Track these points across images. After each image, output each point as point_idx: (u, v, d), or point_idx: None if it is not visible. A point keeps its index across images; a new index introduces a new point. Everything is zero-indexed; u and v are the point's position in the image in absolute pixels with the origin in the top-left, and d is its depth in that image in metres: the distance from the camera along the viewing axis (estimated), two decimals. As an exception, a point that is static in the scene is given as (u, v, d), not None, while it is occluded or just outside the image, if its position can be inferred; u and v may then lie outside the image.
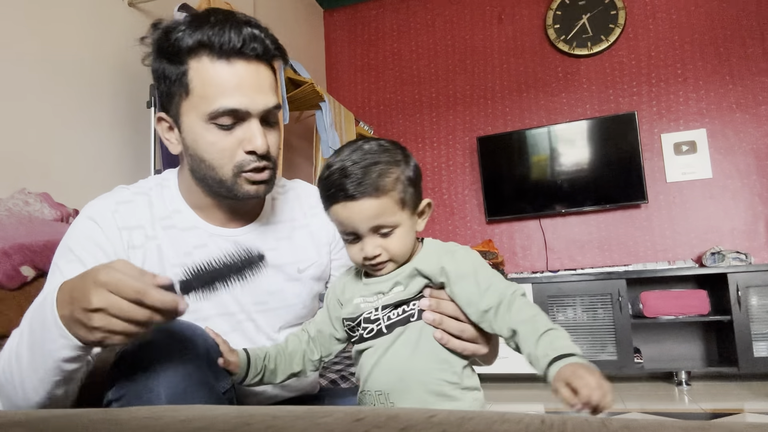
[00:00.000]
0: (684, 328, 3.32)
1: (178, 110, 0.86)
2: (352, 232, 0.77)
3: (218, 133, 0.84)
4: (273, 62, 0.88)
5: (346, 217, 0.76)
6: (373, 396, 0.77)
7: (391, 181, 0.76)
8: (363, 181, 0.75)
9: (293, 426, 0.30)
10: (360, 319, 0.79)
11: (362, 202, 0.75)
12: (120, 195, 0.93)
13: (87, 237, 0.87)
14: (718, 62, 3.49)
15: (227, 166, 0.85)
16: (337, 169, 0.76)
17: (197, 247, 0.91)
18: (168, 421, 0.32)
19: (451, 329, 0.76)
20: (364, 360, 0.79)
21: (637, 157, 3.44)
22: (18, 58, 1.90)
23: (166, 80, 0.86)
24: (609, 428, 0.30)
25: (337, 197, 0.76)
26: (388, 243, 0.77)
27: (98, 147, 2.21)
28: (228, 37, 0.80)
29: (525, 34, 3.90)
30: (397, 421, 0.31)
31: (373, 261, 0.77)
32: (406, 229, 0.78)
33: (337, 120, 3.44)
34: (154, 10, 2.56)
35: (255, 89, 0.83)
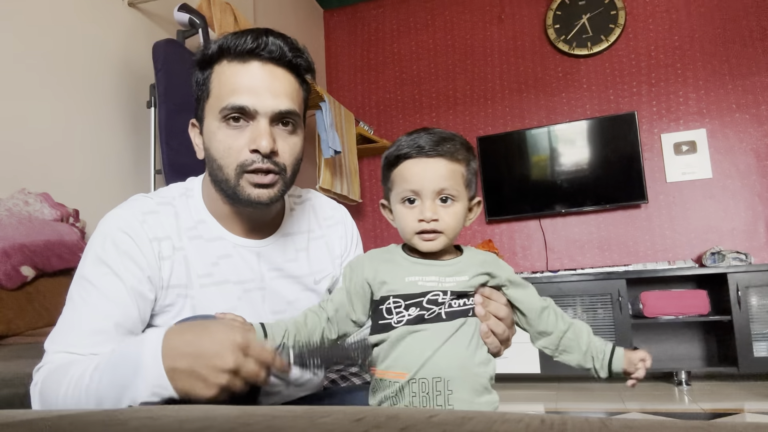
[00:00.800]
0: (684, 328, 3.32)
1: (202, 113, 0.89)
2: (416, 191, 0.79)
3: (228, 132, 0.84)
4: (300, 72, 0.89)
5: (416, 173, 0.79)
6: (428, 383, 0.74)
7: (464, 157, 0.82)
8: (442, 144, 0.79)
9: (293, 426, 0.30)
10: (423, 300, 0.77)
11: (437, 160, 0.79)
12: (144, 205, 0.91)
13: (120, 250, 0.85)
14: (718, 62, 3.49)
15: (232, 165, 0.85)
16: (418, 132, 0.81)
17: (222, 258, 0.91)
18: (168, 421, 0.32)
19: (495, 328, 0.80)
20: (416, 344, 0.76)
21: (637, 157, 3.44)
22: (18, 58, 1.90)
23: (197, 86, 0.90)
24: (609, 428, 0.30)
25: (410, 154, 0.79)
26: (445, 213, 0.79)
27: (98, 147, 2.21)
28: (244, 40, 0.83)
29: (525, 34, 3.90)
30: (397, 421, 0.31)
31: (428, 226, 0.78)
32: (461, 208, 0.82)
33: (337, 120, 3.44)
34: (154, 10, 2.56)
35: (267, 90, 0.84)
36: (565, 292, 3.21)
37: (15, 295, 1.48)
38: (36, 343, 1.42)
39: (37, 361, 0.82)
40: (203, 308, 0.87)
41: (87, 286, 0.83)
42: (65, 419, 0.34)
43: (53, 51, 2.04)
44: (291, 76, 0.87)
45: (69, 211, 1.86)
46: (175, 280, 0.87)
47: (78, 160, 2.11)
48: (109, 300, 0.82)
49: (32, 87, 1.95)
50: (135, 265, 0.85)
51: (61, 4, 2.09)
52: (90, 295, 0.82)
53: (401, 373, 0.75)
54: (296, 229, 1.01)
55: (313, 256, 1.01)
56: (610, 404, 2.66)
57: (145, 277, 0.85)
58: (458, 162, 0.81)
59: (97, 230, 0.89)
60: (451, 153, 0.80)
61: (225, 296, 0.89)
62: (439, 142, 0.79)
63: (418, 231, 0.79)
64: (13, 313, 1.44)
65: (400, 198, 0.81)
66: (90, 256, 0.86)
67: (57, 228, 1.73)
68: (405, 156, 0.80)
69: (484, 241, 3.66)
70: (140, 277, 0.84)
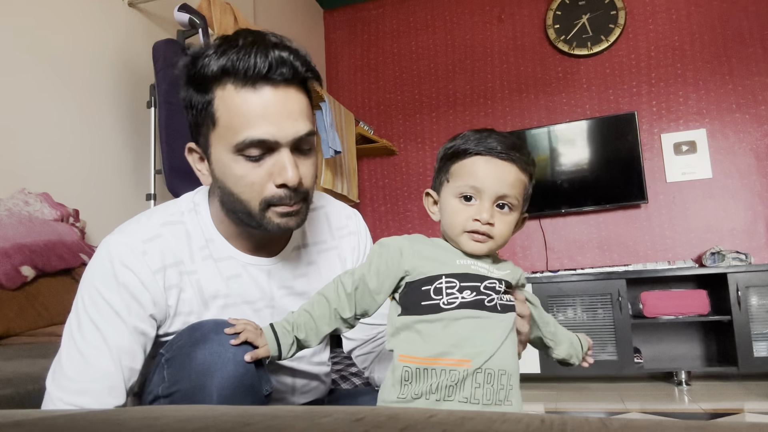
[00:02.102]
0: (684, 328, 3.32)
1: (207, 141, 0.82)
2: (478, 190, 0.76)
3: (246, 165, 0.78)
4: (307, 84, 0.83)
5: (484, 172, 0.76)
6: (494, 375, 0.70)
7: (530, 171, 0.81)
8: (514, 151, 0.78)
9: (293, 426, 0.30)
10: (481, 285, 0.74)
11: (508, 165, 0.77)
12: (147, 231, 0.84)
13: (124, 289, 0.80)
14: (718, 62, 3.49)
15: (256, 200, 0.80)
16: (488, 131, 0.80)
17: (232, 278, 0.88)
18: (168, 421, 0.32)
19: (523, 328, 0.82)
20: (481, 331, 0.71)
21: (637, 157, 3.44)
22: (18, 59, 1.90)
23: (194, 109, 0.81)
24: (609, 428, 0.30)
25: (481, 151, 0.77)
26: (501, 220, 0.77)
27: (98, 147, 2.21)
28: (253, 62, 0.75)
29: (525, 34, 3.90)
30: (397, 420, 0.31)
31: (482, 228, 0.75)
32: (514, 219, 0.80)
33: (337, 120, 3.44)
34: (154, 10, 2.56)
35: (284, 116, 0.77)
36: (565, 292, 3.21)
37: (15, 295, 1.48)
38: (36, 343, 1.42)
39: (37, 360, 0.82)
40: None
41: (91, 328, 0.79)
42: (65, 419, 0.34)
43: (53, 51, 2.04)
44: (302, 93, 0.81)
45: (69, 211, 1.87)
46: (184, 307, 0.85)
47: (78, 160, 2.11)
48: (115, 346, 0.78)
49: (32, 87, 1.95)
50: (138, 304, 0.81)
51: (61, 4, 2.09)
52: (95, 338, 0.78)
53: (464, 360, 0.69)
54: (307, 241, 0.97)
55: (323, 268, 0.98)
56: (610, 404, 2.66)
57: (147, 316, 0.81)
58: (525, 173, 0.79)
59: (97, 258, 0.83)
60: (522, 162, 0.78)
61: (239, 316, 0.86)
62: (512, 148, 0.78)
63: (469, 230, 0.76)
64: (13, 313, 1.44)
65: (458, 193, 0.78)
66: (91, 288, 0.81)
67: (57, 228, 1.73)
68: (474, 152, 0.77)
69: (484, 241, 3.67)
70: (143, 316, 0.81)
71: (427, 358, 0.70)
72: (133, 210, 1.08)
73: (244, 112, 0.76)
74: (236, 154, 0.78)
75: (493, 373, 0.70)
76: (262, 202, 0.80)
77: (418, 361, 0.70)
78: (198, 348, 0.75)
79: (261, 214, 0.81)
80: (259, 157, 0.78)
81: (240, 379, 0.74)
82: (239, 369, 0.74)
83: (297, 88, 0.80)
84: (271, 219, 0.81)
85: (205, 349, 0.74)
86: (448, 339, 0.70)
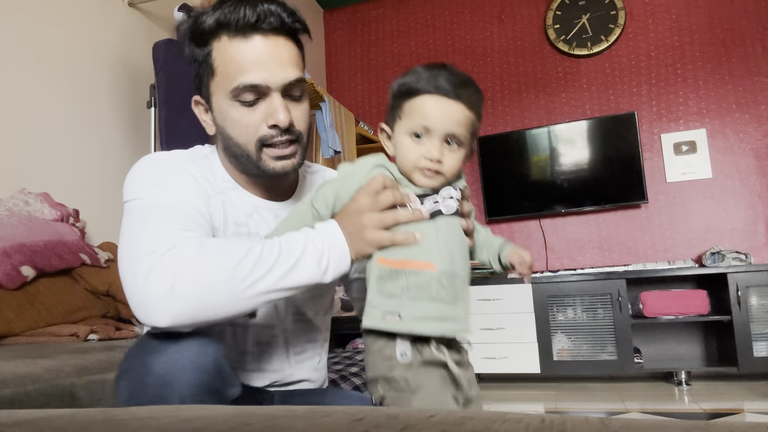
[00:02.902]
0: (684, 328, 3.32)
1: (208, 91, 0.90)
2: (428, 128, 0.80)
3: (242, 110, 0.86)
4: (297, 36, 0.89)
5: (433, 111, 0.79)
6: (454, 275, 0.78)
7: (478, 107, 0.83)
8: (462, 88, 0.80)
9: (293, 426, 0.30)
10: (437, 195, 0.82)
11: (456, 104, 0.80)
12: (181, 154, 0.93)
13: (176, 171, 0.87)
14: (718, 62, 3.49)
15: (251, 142, 0.87)
16: (438, 67, 0.81)
17: (248, 215, 0.93)
18: (168, 421, 0.32)
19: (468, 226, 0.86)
20: (440, 236, 0.79)
21: (637, 157, 3.44)
22: (18, 59, 1.90)
23: (196, 63, 0.89)
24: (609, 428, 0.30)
25: (430, 90, 0.79)
26: (450, 156, 0.81)
27: (98, 147, 2.21)
28: (243, 14, 0.82)
29: (525, 34, 3.90)
30: (397, 420, 0.31)
31: (432, 165, 0.80)
32: (462, 154, 0.83)
33: (337, 120, 3.44)
34: (154, 10, 2.56)
35: (274, 63, 0.84)
36: (565, 292, 3.21)
37: (15, 295, 1.48)
38: (36, 343, 1.42)
39: (37, 360, 0.82)
40: None
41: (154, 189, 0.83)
42: (65, 419, 0.34)
43: (54, 51, 2.04)
44: (291, 42, 0.88)
45: (69, 211, 1.87)
46: (215, 221, 0.89)
47: (78, 160, 2.11)
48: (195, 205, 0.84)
49: (32, 87, 1.95)
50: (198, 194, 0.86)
51: (61, 4, 2.09)
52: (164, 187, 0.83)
53: (429, 263, 0.77)
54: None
55: None
56: (610, 404, 2.66)
57: (205, 204, 0.86)
58: (472, 110, 0.82)
59: (140, 167, 0.88)
60: (470, 100, 0.81)
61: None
62: (460, 85, 0.80)
63: (420, 166, 0.81)
64: (13, 313, 1.44)
65: (410, 131, 0.81)
66: (141, 183, 0.85)
67: (57, 228, 1.73)
68: (424, 91, 0.79)
69: (484, 241, 3.66)
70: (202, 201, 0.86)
71: (398, 260, 0.78)
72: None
73: (237, 60, 0.84)
74: (233, 100, 0.86)
75: (454, 274, 0.78)
76: (257, 143, 0.87)
77: (390, 263, 0.79)
78: (153, 357, 0.71)
79: (257, 155, 0.87)
80: (253, 102, 0.85)
81: (202, 386, 0.70)
82: (200, 375, 0.70)
83: (286, 38, 0.87)
84: (267, 162, 0.88)
85: (161, 358, 0.71)
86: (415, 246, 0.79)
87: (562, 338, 3.20)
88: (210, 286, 0.71)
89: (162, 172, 0.86)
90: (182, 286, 0.70)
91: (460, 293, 0.78)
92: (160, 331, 0.73)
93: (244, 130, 0.86)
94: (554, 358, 3.15)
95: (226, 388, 0.75)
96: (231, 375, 0.76)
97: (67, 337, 1.49)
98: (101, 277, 1.75)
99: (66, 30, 2.10)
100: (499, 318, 3.24)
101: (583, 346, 3.15)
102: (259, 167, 0.88)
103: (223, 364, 0.74)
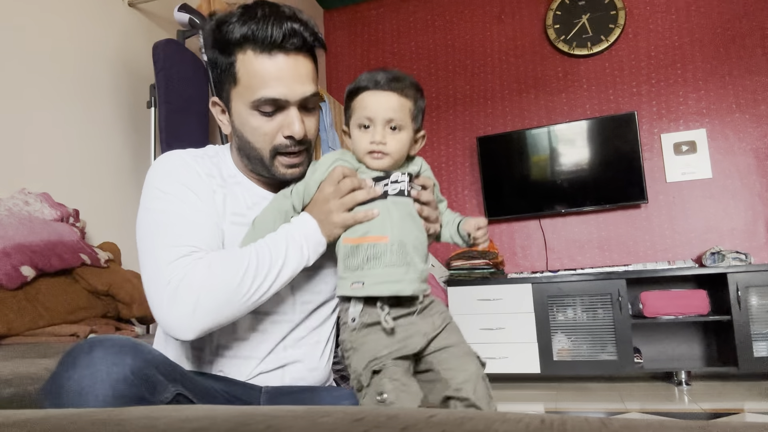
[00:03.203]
0: (684, 328, 3.32)
1: (228, 96, 0.97)
2: (370, 118, 0.94)
3: (261, 119, 0.94)
4: (314, 51, 0.98)
5: (371, 103, 0.94)
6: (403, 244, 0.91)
7: (412, 94, 0.97)
8: (394, 82, 0.95)
9: (293, 426, 0.30)
10: (388, 180, 0.95)
11: (389, 94, 0.95)
12: (189, 153, 1.01)
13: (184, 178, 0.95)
14: (718, 62, 3.49)
15: (266, 148, 0.95)
16: (376, 70, 0.96)
17: (250, 207, 1.00)
18: (168, 421, 0.32)
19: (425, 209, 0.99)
20: (385, 215, 0.93)
21: (637, 157, 3.44)
22: (18, 59, 1.90)
23: (218, 69, 0.96)
24: (609, 428, 0.30)
25: (368, 86, 0.95)
26: (392, 138, 0.95)
27: (98, 147, 2.21)
28: (270, 32, 0.89)
29: (525, 34, 3.90)
30: (397, 420, 0.31)
31: (377, 147, 0.94)
32: (406, 136, 0.97)
33: (337, 120, 3.44)
34: (154, 10, 2.56)
35: (294, 80, 0.92)
36: (565, 292, 3.21)
37: (15, 295, 1.48)
38: (36, 343, 1.42)
39: (37, 360, 0.82)
40: (228, 243, 0.96)
41: (169, 198, 0.92)
42: (65, 419, 0.34)
43: (53, 51, 2.04)
44: (309, 59, 0.96)
45: (69, 211, 1.87)
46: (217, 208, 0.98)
47: (78, 160, 2.11)
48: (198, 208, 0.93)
49: (32, 87, 1.95)
50: (206, 192, 0.95)
51: (62, 4, 2.09)
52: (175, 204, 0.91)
53: (382, 237, 0.91)
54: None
55: None
56: (610, 404, 2.66)
57: (212, 201, 0.96)
58: (407, 98, 0.96)
59: (152, 173, 0.97)
60: (401, 89, 0.95)
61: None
62: (392, 80, 0.95)
63: (369, 151, 0.95)
64: (13, 313, 1.44)
65: (357, 123, 0.96)
66: (154, 190, 0.94)
67: (57, 228, 1.73)
68: (363, 88, 0.95)
69: (484, 241, 3.66)
70: (210, 200, 0.95)
71: (358, 237, 0.93)
72: (133, 210, 1.08)
73: (261, 74, 0.91)
74: (253, 109, 0.94)
75: (403, 243, 0.91)
76: (272, 150, 0.96)
77: (352, 240, 0.93)
78: (68, 374, 0.70)
79: (270, 161, 0.97)
80: (271, 113, 0.94)
81: (121, 396, 0.70)
82: (117, 386, 0.70)
83: (305, 56, 0.95)
84: (278, 168, 0.97)
85: (75, 373, 0.70)
86: (368, 222, 0.93)
87: (562, 338, 3.20)
88: (223, 303, 0.85)
89: (175, 179, 0.94)
90: (201, 309, 0.83)
91: (410, 259, 0.91)
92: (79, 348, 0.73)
93: (262, 137, 0.95)
94: (554, 358, 3.15)
95: (154, 394, 0.74)
96: (160, 380, 0.75)
97: (67, 337, 1.49)
98: (101, 277, 1.75)
99: (66, 30, 2.10)
100: (499, 318, 3.24)
101: (583, 346, 3.15)
102: (270, 171, 0.98)
103: (146, 371, 0.73)
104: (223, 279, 0.85)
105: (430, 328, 0.92)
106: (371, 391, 0.82)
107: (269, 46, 0.90)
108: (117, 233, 2.09)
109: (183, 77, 2.35)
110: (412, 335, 0.90)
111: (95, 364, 0.71)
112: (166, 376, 0.77)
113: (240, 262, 0.87)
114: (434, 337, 0.92)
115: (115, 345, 0.73)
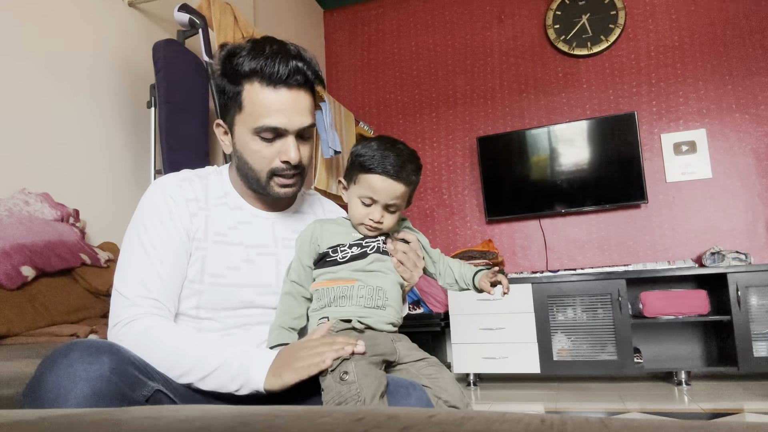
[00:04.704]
0: (684, 328, 3.32)
1: (232, 121, 1.06)
2: (374, 200, 1.05)
3: (261, 144, 1.03)
4: (313, 86, 1.07)
5: (380, 187, 1.04)
6: (372, 289, 1.03)
7: (414, 180, 1.09)
8: (404, 169, 1.05)
9: (293, 426, 0.30)
10: (363, 242, 1.07)
11: (399, 184, 1.05)
12: (184, 175, 1.12)
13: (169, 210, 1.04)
14: (718, 62, 3.49)
15: (264, 171, 1.05)
16: (388, 149, 1.05)
17: (241, 224, 1.10)
18: (168, 421, 0.32)
19: (402, 258, 1.10)
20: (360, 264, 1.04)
21: (637, 157, 3.44)
22: (18, 59, 1.90)
23: (225, 95, 1.05)
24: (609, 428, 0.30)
25: (380, 171, 1.04)
26: (388, 218, 1.07)
27: (98, 147, 2.21)
28: (277, 69, 0.99)
29: (525, 34, 3.90)
30: (397, 420, 0.31)
31: (374, 224, 1.06)
32: (399, 214, 1.10)
33: (337, 120, 3.44)
34: (154, 10, 2.56)
35: (294, 112, 1.01)
36: (565, 292, 3.21)
37: (15, 295, 1.48)
38: (36, 343, 1.42)
39: (37, 361, 0.81)
40: (211, 261, 1.04)
41: (149, 237, 1.01)
42: (65, 419, 0.34)
43: (53, 51, 2.04)
44: (309, 93, 1.05)
45: (69, 211, 1.87)
46: (197, 234, 1.06)
47: (78, 160, 2.11)
48: (173, 252, 1.01)
49: (32, 87, 1.95)
50: (180, 221, 1.04)
51: (62, 4, 2.09)
52: (154, 246, 1.00)
53: (351, 280, 1.03)
54: (306, 210, 1.23)
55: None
56: (610, 404, 2.66)
57: (184, 230, 1.04)
58: (409, 185, 1.07)
59: (148, 192, 1.07)
60: (408, 179, 1.06)
61: (231, 256, 1.06)
62: (402, 167, 1.04)
63: (365, 223, 1.06)
64: (13, 313, 1.44)
65: (360, 196, 1.06)
66: (145, 214, 1.04)
67: (57, 228, 1.73)
68: (374, 170, 1.04)
69: (484, 241, 3.66)
70: (181, 232, 1.04)
71: (329, 281, 1.04)
72: (133, 210, 1.09)
73: (265, 105, 1.00)
74: (254, 135, 1.02)
75: (372, 288, 1.02)
76: (269, 173, 1.05)
77: (323, 284, 1.04)
78: (46, 376, 0.72)
79: (267, 182, 1.06)
80: (271, 139, 1.03)
81: (99, 394, 0.72)
82: (95, 384, 0.72)
83: (306, 91, 1.04)
84: (273, 187, 1.06)
85: (53, 373, 0.72)
86: (341, 272, 1.04)
87: (562, 338, 3.20)
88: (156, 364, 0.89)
89: (156, 212, 1.03)
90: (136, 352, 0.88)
91: (383, 303, 1.02)
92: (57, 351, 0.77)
93: (261, 160, 1.04)
94: (554, 358, 3.15)
95: (134, 390, 0.77)
96: (138, 378, 0.79)
97: (67, 337, 1.49)
98: (101, 277, 1.75)
99: (66, 30, 2.10)
100: (499, 318, 3.24)
101: (583, 346, 3.15)
102: (265, 189, 1.07)
103: (125, 368, 0.76)
104: (148, 351, 0.89)
105: (400, 346, 1.03)
106: (335, 373, 0.85)
107: (275, 80, 0.99)
108: (117, 233, 2.09)
109: (183, 77, 2.35)
110: (382, 342, 0.98)
111: (72, 364, 0.73)
112: (144, 374, 0.81)
113: (169, 348, 0.91)
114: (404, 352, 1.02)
115: (92, 346, 0.76)
